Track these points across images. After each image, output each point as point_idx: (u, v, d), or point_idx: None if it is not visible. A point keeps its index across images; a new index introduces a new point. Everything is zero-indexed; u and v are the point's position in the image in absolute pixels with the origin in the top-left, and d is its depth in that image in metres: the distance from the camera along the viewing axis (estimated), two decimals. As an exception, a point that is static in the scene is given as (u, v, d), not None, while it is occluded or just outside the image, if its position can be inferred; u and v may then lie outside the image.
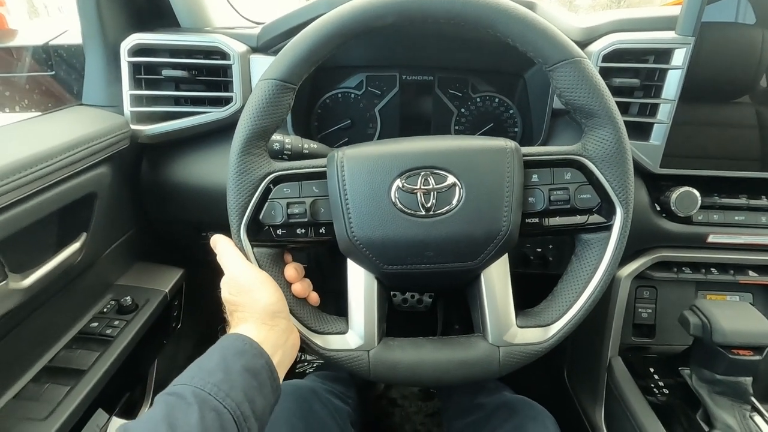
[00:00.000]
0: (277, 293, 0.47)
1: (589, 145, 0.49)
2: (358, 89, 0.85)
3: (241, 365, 0.40)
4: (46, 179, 0.52)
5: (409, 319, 1.34)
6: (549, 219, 0.51)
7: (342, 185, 0.48)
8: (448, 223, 0.48)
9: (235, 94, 0.71)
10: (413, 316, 1.24)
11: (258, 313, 0.46)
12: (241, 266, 0.48)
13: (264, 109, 0.48)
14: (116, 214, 0.70)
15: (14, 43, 0.77)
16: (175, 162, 0.74)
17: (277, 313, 0.47)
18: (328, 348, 0.52)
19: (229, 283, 0.48)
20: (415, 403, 1.24)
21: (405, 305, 1.32)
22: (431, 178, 0.48)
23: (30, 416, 0.50)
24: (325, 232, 0.51)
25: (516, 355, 0.51)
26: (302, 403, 0.64)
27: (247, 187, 0.49)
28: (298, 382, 0.70)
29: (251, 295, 0.46)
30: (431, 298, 1.34)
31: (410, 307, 1.33)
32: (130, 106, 0.70)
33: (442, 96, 0.85)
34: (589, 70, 0.47)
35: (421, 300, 1.34)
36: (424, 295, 1.33)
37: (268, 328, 0.45)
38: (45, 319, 0.57)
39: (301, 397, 0.65)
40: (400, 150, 0.50)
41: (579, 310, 0.51)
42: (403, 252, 0.49)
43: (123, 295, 0.68)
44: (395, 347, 0.52)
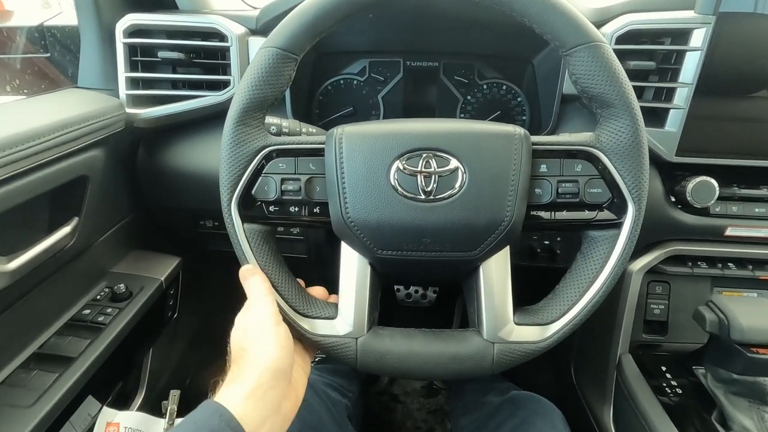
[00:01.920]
0: (285, 350, 0.42)
1: (603, 137, 0.46)
2: (360, 75, 0.83)
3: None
4: (34, 158, 0.50)
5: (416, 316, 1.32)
6: (555, 212, 0.48)
7: (339, 163, 0.46)
8: (449, 209, 0.46)
9: (233, 77, 0.69)
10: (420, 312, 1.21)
11: (258, 369, 0.39)
12: (268, 310, 0.44)
13: (263, 78, 0.46)
14: (111, 199, 0.68)
15: (10, 24, 0.76)
16: (172, 147, 0.73)
17: (280, 372, 0.40)
18: (314, 333, 0.50)
19: (246, 322, 0.44)
20: (418, 399, 1.22)
21: (408, 300, 1.29)
22: (433, 161, 0.46)
23: (15, 403, 0.49)
24: (320, 212, 0.49)
25: (511, 353, 0.48)
26: None
27: (240, 159, 0.47)
28: None
29: (259, 346, 0.41)
30: (435, 293, 1.31)
31: (414, 302, 1.30)
32: (125, 89, 0.69)
33: (447, 82, 0.83)
34: (609, 56, 0.44)
35: (425, 295, 1.32)
36: (428, 290, 1.31)
37: (261, 393, 0.38)
38: (35, 305, 0.56)
39: None
40: (402, 130, 0.47)
41: (580, 311, 0.48)
42: (399, 237, 0.47)
43: (117, 283, 0.67)
44: (385, 336, 0.50)
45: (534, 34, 0.46)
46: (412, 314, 1.34)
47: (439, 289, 1.22)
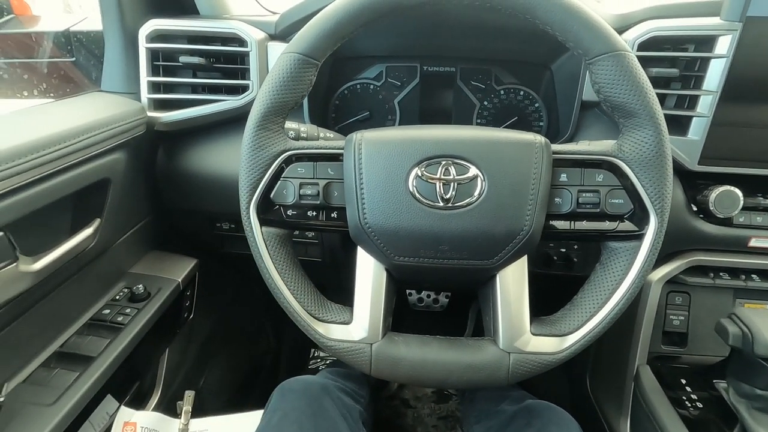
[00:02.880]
0: None
1: (625, 147, 0.46)
2: (377, 80, 0.83)
3: None
4: (59, 162, 0.51)
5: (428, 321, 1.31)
6: (575, 222, 0.48)
7: (358, 168, 0.46)
8: (467, 218, 0.46)
9: (251, 82, 0.70)
10: (432, 317, 1.21)
11: None
12: None
13: (284, 83, 0.46)
14: (131, 201, 0.69)
15: (37, 29, 0.78)
16: (191, 150, 0.74)
17: None
18: (329, 337, 0.50)
19: None
20: (429, 404, 1.22)
21: (420, 304, 1.29)
22: (452, 168, 0.46)
23: (37, 401, 0.50)
24: (337, 217, 0.49)
25: (526, 363, 0.48)
26: (312, 401, 0.62)
27: (260, 162, 0.48)
28: (309, 379, 0.68)
29: None
30: (447, 298, 1.30)
31: (426, 306, 1.30)
32: (147, 93, 0.70)
33: (464, 88, 0.82)
34: (633, 65, 0.43)
35: (438, 299, 1.31)
36: (440, 295, 1.30)
37: None
38: (57, 305, 0.57)
39: (311, 395, 0.63)
40: (422, 136, 0.47)
41: (599, 323, 0.47)
42: (416, 244, 0.47)
43: (136, 283, 0.68)
44: (400, 343, 0.50)
45: (553, 40, 0.46)
46: (424, 318, 1.34)
47: (451, 294, 1.21)
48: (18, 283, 0.48)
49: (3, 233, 0.46)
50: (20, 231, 0.48)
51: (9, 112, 0.56)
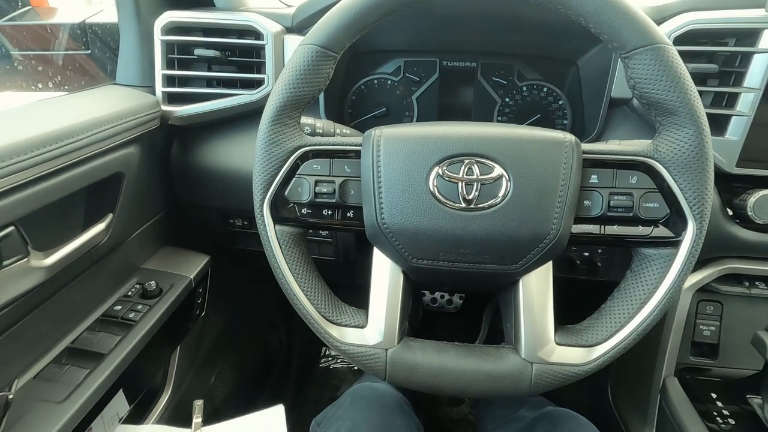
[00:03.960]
0: None
1: (662, 147, 0.43)
2: (395, 75, 0.81)
3: None
4: (72, 155, 0.50)
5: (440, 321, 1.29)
6: (605, 227, 0.45)
7: (376, 166, 0.44)
8: (490, 220, 0.43)
9: (267, 76, 0.69)
10: (445, 317, 1.18)
11: None
12: None
13: (301, 76, 0.45)
14: (144, 196, 0.68)
15: (53, 21, 0.78)
16: (205, 145, 0.73)
17: None
18: (343, 341, 0.48)
19: None
20: (441, 408, 1.19)
21: (433, 305, 1.26)
22: (476, 168, 0.43)
23: (48, 398, 0.49)
24: (353, 216, 0.48)
25: (550, 374, 0.45)
26: (384, 413, 0.60)
27: (275, 158, 0.46)
28: (381, 389, 0.65)
29: None
30: (461, 299, 1.28)
31: (439, 307, 1.27)
32: (161, 87, 0.69)
33: (484, 84, 0.80)
34: (674, 59, 0.40)
35: (451, 300, 1.29)
36: (454, 296, 1.27)
37: None
38: (68, 300, 0.56)
39: (383, 407, 0.61)
40: (443, 133, 0.45)
41: (629, 334, 0.45)
42: (435, 246, 0.45)
43: (148, 279, 0.67)
44: (416, 349, 0.48)
45: (581, 34, 0.43)
46: (437, 319, 1.31)
47: (465, 296, 1.18)
48: (29, 278, 0.47)
49: (14, 228, 0.45)
50: (32, 225, 0.48)
51: (22, 105, 0.55)
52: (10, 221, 0.45)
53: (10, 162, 0.43)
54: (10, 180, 0.44)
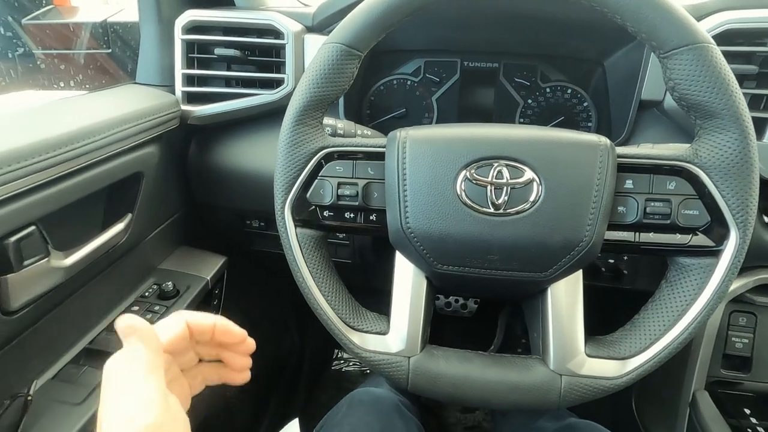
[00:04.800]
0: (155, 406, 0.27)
1: (703, 151, 0.41)
2: (415, 76, 0.80)
3: None
4: (93, 155, 0.50)
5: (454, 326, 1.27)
6: (640, 234, 0.43)
7: (401, 169, 0.43)
8: (520, 225, 0.42)
9: (287, 75, 0.68)
10: (458, 322, 1.16)
11: None
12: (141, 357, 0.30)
13: (325, 76, 0.44)
14: (162, 196, 0.68)
15: (75, 20, 0.78)
16: (223, 145, 0.72)
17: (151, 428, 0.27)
18: (365, 348, 0.47)
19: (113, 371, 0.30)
20: (454, 414, 1.17)
21: (448, 309, 1.25)
22: (506, 171, 0.42)
23: (65, 399, 0.49)
24: (376, 220, 0.47)
25: (581, 387, 0.44)
26: (382, 417, 0.59)
27: (297, 160, 0.46)
28: (378, 393, 0.64)
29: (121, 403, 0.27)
30: (476, 304, 1.26)
31: (453, 311, 1.25)
32: (181, 86, 0.69)
33: (507, 85, 0.78)
34: (717, 59, 0.38)
35: (465, 305, 1.27)
36: (469, 300, 1.25)
37: None
38: (86, 300, 0.56)
39: (381, 411, 0.60)
40: (472, 135, 0.43)
41: (666, 347, 0.43)
42: (462, 252, 0.43)
43: (165, 280, 0.67)
44: (439, 357, 0.47)
45: (609, 34, 0.41)
46: (451, 324, 1.29)
47: (480, 301, 1.16)
48: (49, 278, 0.47)
49: (35, 227, 0.45)
50: (52, 225, 0.47)
51: (43, 103, 0.55)
52: (31, 221, 0.44)
53: (31, 161, 0.43)
54: (31, 179, 0.43)
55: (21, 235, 0.43)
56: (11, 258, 0.42)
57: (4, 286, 0.42)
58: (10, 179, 0.41)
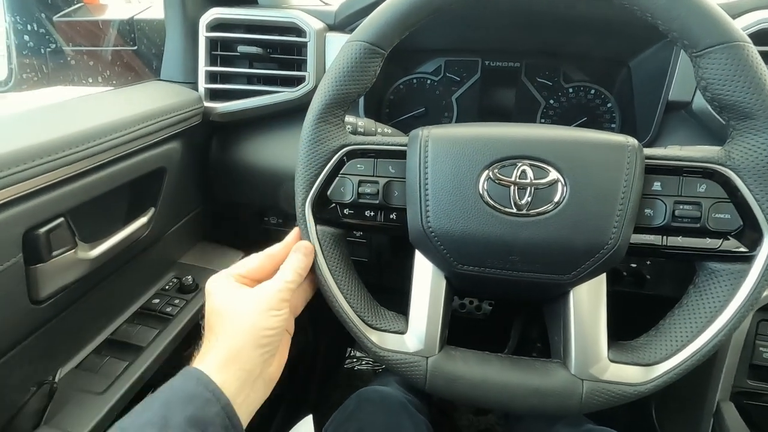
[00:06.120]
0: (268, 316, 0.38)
1: (736, 153, 0.40)
2: (435, 75, 0.79)
3: (186, 417, 0.31)
4: (119, 149, 0.51)
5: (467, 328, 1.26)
6: (668, 238, 0.42)
7: (423, 168, 0.43)
8: (543, 226, 0.41)
9: (308, 73, 0.68)
10: (471, 324, 1.15)
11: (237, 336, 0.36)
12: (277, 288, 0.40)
13: (348, 74, 0.44)
14: (184, 191, 0.69)
15: (103, 17, 0.80)
16: (244, 142, 0.73)
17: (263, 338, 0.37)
18: (382, 347, 0.47)
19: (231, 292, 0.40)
20: (467, 416, 1.17)
21: (462, 311, 1.24)
22: (530, 171, 0.41)
23: (88, 388, 0.50)
24: (396, 219, 0.46)
25: (603, 393, 0.43)
26: (390, 416, 0.59)
27: (319, 157, 0.46)
28: (386, 392, 0.64)
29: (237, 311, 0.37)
30: (491, 306, 1.24)
31: (467, 313, 1.24)
32: (204, 83, 0.70)
33: (528, 85, 0.77)
34: (753, 59, 0.37)
35: (480, 307, 1.25)
36: (483, 302, 1.24)
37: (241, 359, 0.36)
38: (109, 292, 0.57)
39: (389, 410, 0.60)
40: (496, 135, 0.43)
41: (693, 353, 0.42)
42: (483, 252, 0.43)
43: (185, 274, 0.68)
44: (458, 359, 0.47)
45: (635, 33, 0.40)
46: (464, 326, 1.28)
47: (495, 303, 1.15)
48: (76, 269, 0.48)
49: (63, 219, 0.46)
50: (79, 218, 0.48)
51: (72, 99, 0.56)
52: (60, 213, 0.46)
53: (61, 154, 0.44)
54: (60, 173, 0.44)
55: (50, 227, 0.44)
56: (41, 248, 0.43)
57: (33, 275, 0.43)
58: (40, 171, 0.42)
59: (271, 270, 0.43)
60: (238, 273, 0.42)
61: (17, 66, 0.68)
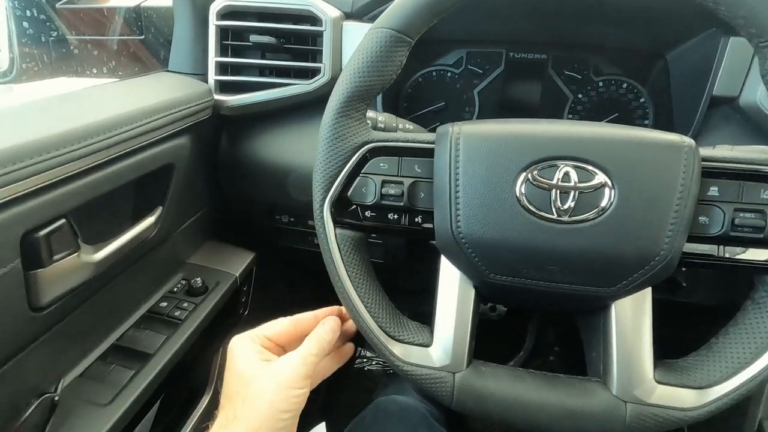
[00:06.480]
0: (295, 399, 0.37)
1: None
2: (456, 67, 0.75)
3: None
4: (125, 145, 0.48)
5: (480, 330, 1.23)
6: (725, 248, 0.38)
7: (454, 168, 0.40)
8: (587, 234, 0.37)
9: (323, 65, 0.64)
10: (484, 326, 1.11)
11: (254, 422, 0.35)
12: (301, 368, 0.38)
13: (372, 64, 0.40)
14: (192, 189, 0.66)
15: (108, 4, 0.76)
16: (255, 138, 0.69)
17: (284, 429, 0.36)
18: (406, 361, 0.44)
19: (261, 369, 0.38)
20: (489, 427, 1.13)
21: (476, 311, 1.20)
22: (574, 173, 0.37)
23: (93, 399, 0.47)
24: (421, 222, 0.43)
25: (650, 417, 0.39)
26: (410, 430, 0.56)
27: (339, 154, 0.42)
28: (406, 403, 0.61)
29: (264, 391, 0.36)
30: (506, 307, 1.21)
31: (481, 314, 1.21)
32: (214, 74, 0.66)
33: (555, 78, 0.72)
34: None
35: (495, 308, 1.22)
36: (498, 303, 1.20)
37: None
38: (114, 295, 0.54)
39: (410, 425, 0.57)
40: (535, 132, 0.39)
41: (754, 377, 0.38)
42: (518, 261, 0.40)
43: (193, 275, 0.65)
44: (488, 375, 0.43)
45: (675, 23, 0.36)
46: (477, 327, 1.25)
47: (511, 305, 1.11)
48: (79, 273, 0.45)
49: (65, 220, 0.43)
50: (81, 218, 0.45)
51: (73, 91, 0.53)
52: (62, 213, 0.42)
53: (62, 151, 0.41)
54: (62, 170, 0.41)
55: (51, 229, 0.41)
56: (41, 252, 0.40)
57: (33, 281, 0.40)
58: (40, 170, 0.39)
59: (297, 337, 0.42)
60: (264, 335, 0.41)
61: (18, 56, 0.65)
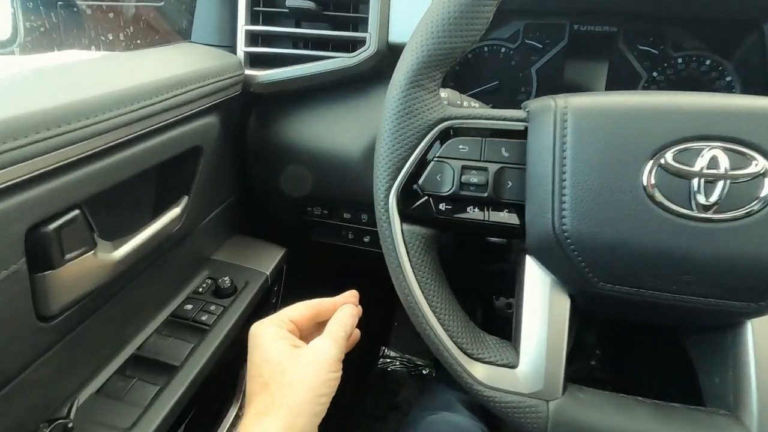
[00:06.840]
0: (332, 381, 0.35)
1: None
2: (511, 42, 0.67)
3: None
4: (148, 122, 0.40)
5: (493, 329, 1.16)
6: None
7: (560, 151, 0.32)
8: (739, 236, 0.30)
9: (369, 35, 0.56)
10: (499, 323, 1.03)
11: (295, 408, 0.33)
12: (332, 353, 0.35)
13: (454, 21, 0.33)
14: (219, 176, 0.58)
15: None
16: (289, 118, 0.62)
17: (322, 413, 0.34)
18: (489, 385, 0.37)
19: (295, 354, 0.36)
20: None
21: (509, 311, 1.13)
22: (724, 157, 0.30)
23: (112, 423, 0.40)
24: (508, 218, 0.36)
25: None
26: None
27: (410, 134, 0.35)
28: (460, 424, 0.55)
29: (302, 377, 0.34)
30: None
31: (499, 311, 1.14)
32: (244, 46, 0.58)
33: (627, 54, 0.64)
34: None
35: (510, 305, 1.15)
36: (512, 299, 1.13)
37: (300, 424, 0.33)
38: (133, 298, 0.47)
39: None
40: (671, 105, 0.32)
41: None
42: (641, 268, 0.32)
43: (220, 274, 0.57)
44: (589, 404, 0.36)
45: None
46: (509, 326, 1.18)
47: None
48: (95, 275, 0.38)
49: (79, 211, 0.35)
50: (99, 209, 0.38)
51: (87, 59, 0.45)
52: (76, 203, 0.35)
53: (76, 125, 0.33)
54: (76, 150, 0.33)
55: (62, 222, 0.33)
56: (50, 251, 0.33)
57: (42, 286, 0.33)
58: (48, 148, 0.31)
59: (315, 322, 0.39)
60: (289, 318, 0.38)
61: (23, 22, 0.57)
